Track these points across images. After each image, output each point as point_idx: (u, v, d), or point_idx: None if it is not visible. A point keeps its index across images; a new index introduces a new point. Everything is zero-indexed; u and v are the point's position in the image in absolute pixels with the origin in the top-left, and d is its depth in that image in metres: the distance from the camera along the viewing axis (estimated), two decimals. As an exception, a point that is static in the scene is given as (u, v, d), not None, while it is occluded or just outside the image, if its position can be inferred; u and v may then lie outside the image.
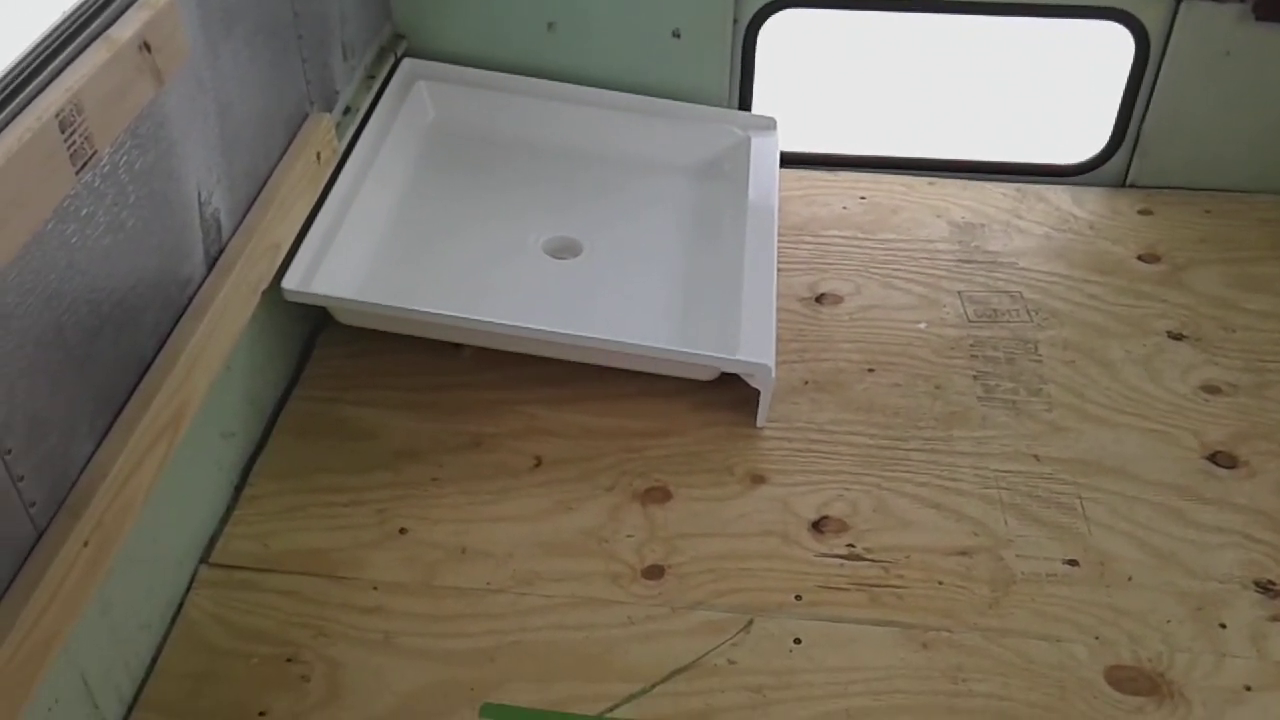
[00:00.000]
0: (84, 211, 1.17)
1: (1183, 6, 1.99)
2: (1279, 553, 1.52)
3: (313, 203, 1.72)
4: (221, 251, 1.48)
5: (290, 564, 1.49)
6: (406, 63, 2.10)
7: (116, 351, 1.25)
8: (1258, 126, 2.11)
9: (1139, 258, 2.02)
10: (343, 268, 1.71)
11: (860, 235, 2.08)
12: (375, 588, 1.46)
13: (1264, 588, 1.47)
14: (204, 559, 1.50)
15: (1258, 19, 1.98)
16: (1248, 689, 1.36)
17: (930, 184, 2.20)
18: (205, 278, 1.44)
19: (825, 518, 1.57)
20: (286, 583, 1.47)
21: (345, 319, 1.76)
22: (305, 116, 1.73)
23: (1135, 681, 1.36)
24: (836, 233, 2.09)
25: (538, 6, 2.08)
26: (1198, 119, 2.10)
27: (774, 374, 1.66)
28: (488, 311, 1.69)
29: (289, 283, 1.62)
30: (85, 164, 1.13)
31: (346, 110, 1.92)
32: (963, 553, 1.52)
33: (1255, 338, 1.85)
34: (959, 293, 1.95)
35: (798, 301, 1.94)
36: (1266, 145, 2.13)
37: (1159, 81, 2.07)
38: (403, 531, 1.53)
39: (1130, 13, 2.03)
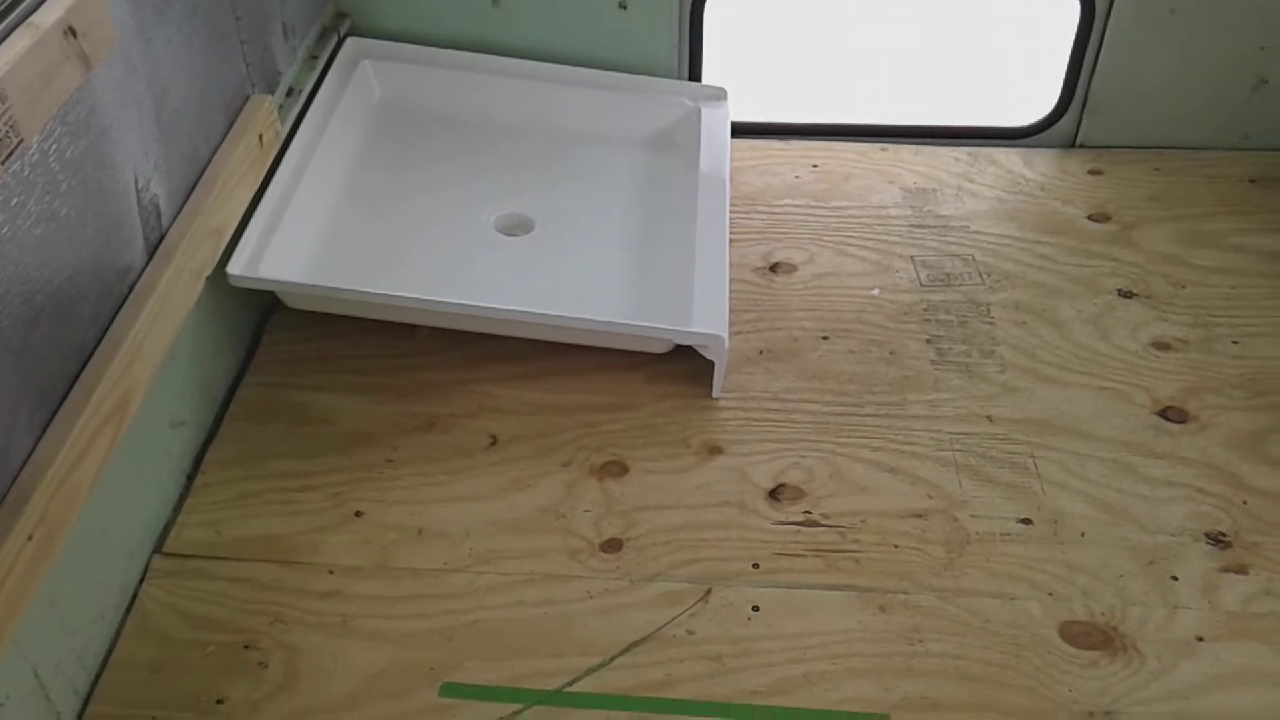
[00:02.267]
0: (13, 201, 1.15)
1: (1127, -35, 2.00)
2: (1229, 505, 1.53)
3: (256, 186, 1.69)
4: (162, 238, 1.46)
5: (244, 551, 1.48)
6: (350, 42, 2.07)
7: (54, 343, 1.22)
8: (1205, 84, 2.12)
9: (1089, 217, 2.03)
10: (290, 251, 1.69)
11: (813, 203, 2.08)
12: (331, 572, 1.45)
13: (1215, 539, 1.49)
14: (157, 549, 1.48)
15: (1201, -25, 1.99)
16: (1199, 639, 1.38)
17: (882, 150, 2.20)
18: (145, 265, 1.41)
19: (782, 485, 1.57)
20: (241, 570, 1.46)
21: (294, 303, 1.74)
22: (246, 99, 1.70)
23: (1089, 636, 1.38)
24: (789, 201, 2.08)
25: (482, -19, 2.07)
26: (1145, 78, 2.11)
27: (728, 344, 1.66)
28: (440, 291, 1.68)
29: (234, 268, 1.60)
30: (11, 153, 1.11)
31: (289, 92, 1.89)
32: (918, 515, 1.53)
33: (1204, 293, 1.86)
34: (912, 258, 1.95)
35: (752, 271, 1.93)
36: (1214, 102, 2.14)
37: (1105, 41, 2.08)
38: (358, 515, 1.52)
39: (1075, -28, 2.03)
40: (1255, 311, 1.83)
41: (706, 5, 2.10)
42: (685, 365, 1.71)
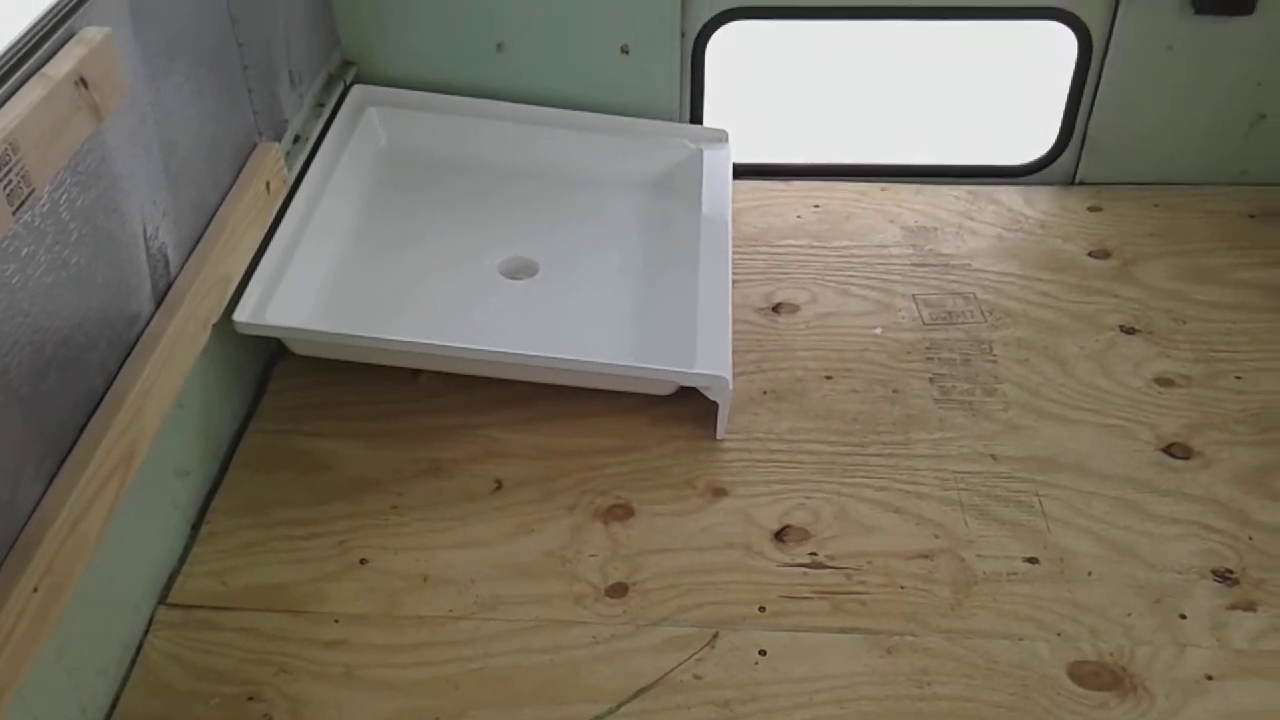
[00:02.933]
0: (24, 251, 1.16)
1: (1123, 4, 2.02)
2: (1236, 541, 1.53)
3: (263, 233, 1.71)
4: (170, 286, 1.47)
5: (250, 601, 1.48)
6: (356, 89, 2.09)
7: (63, 392, 1.23)
8: (1202, 119, 2.13)
9: (1090, 254, 2.03)
10: (296, 298, 1.70)
11: (815, 243, 2.09)
12: (337, 620, 1.45)
13: (1222, 576, 1.49)
14: (162, 599, 1.48)
15: (1196, 12, 2.00)
16: (1209, 678, 1.37)
17: (883, 190, 2.21)
18: (153, 313, 1.42)
19: (787, 527, 1.57)
20: (246, 620, 1.45)
21: (300, 349, 1.75)
22: (253, 147, 1.72)
23: (1098, 676, 1.37)
24: (791, 242, 2.10)
25: (486, 28, 2.09)
26: (1143, 114, 2.13)
27: (731, 385, 1.67)
28: (444, 335, 1.69)
29: (241, 315, 1.61)
30: (23, 203, 1.12)
31: (296, 139, 1.91)
32: (924, 555, 1.52)
33: (1206, 328, 1.87)
34: (914, 296, 1.96)
35: (754, 312, 1.94)
36: (1211, 137, 2.15)
37: (1103, 79, 2.10)
38: (363, 562, 1.52)
39: (1071, 12, 2.05)
40: (1258, 346, 1.83)
41: (707, 48, 2.12)
42: (689, 407, 1.72)
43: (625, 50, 2.09)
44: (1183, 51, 2.06)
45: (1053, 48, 2.12)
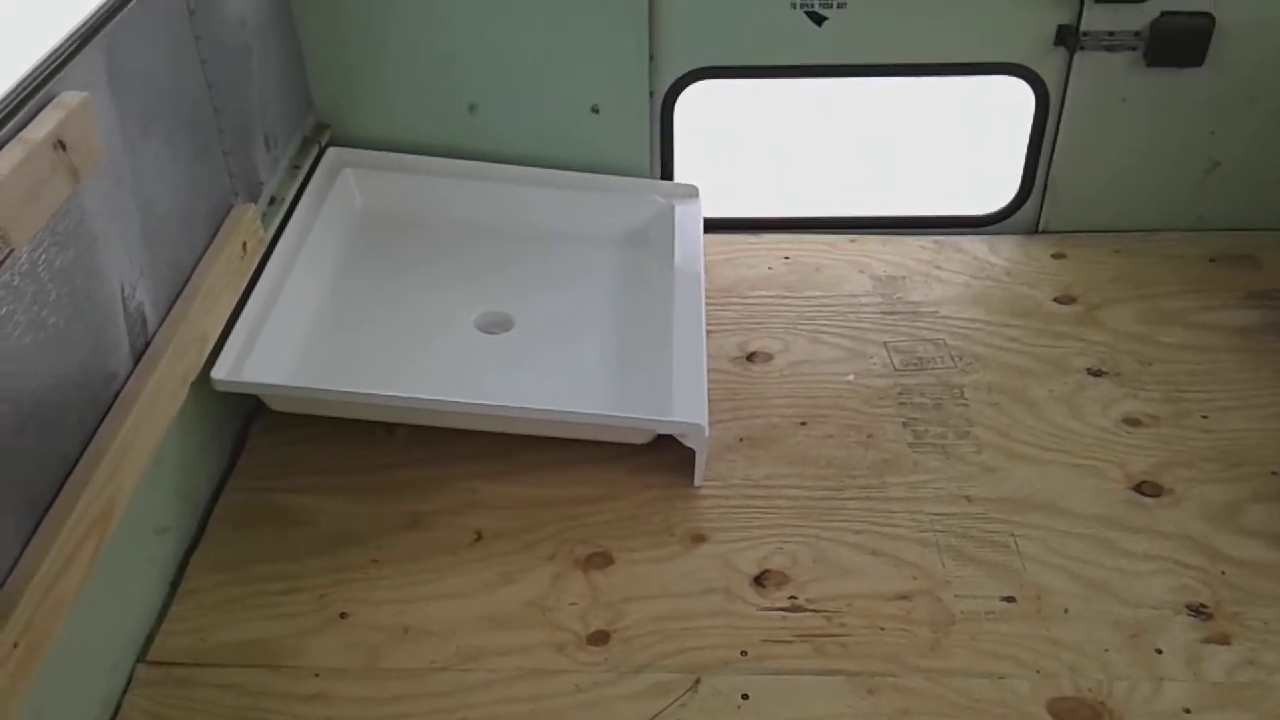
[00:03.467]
0: (2, 311, 1.17)
1: (1077, 58, 2.08)
2: (1208, 576, 1.55)
3: (240, 292, 1.72)
4: (147, 345, 1.48)
5: (229, 657, 1.47)
6: (331, 151, 2.13)
7: (41, 450, 1.24)
8: (1159, 168, 2.20)
9: (1055, 300, 2.08)
10: (273, 355, 1.72)
11: (786, 294, 2.13)
12: (317, 675, 1.44)
13: (1195, 611, 1.50)
14: (141, 658, 1.47)
15: (1149, 65, 2.07)
16: (1187, 711, 1.38)
17: (851, 241, 2.25)
18: (131, 372, 1.43)
19: (766, 571, 1.58)
20: (226, 676, 1.44)
21: (277, 406, 1.76)
22: (229, 208, 1.75)
23: (1077, 712, 1.38)
24: (763, 293, 2.13)
25: (458, 90, 2.13)
26: (1101, 164, 2.19)
27: (708, 433, 1.69)
28: (421, 389, 1.70)
29: (218, 372, 1.62)
30: (1, 263, 1.14)
31: (272, 200, 1.93)
32: (903, 597, 1.54)
33: (1171, 369, 1.91)
34: (885, 343, 1.99)
35: (729, 361, 1.97)
36: (1168, 185, 2.21)
37: (1061, 131, 2.16)
38: (343, 616, 1.52)
39: (1028, 67, 2.11)
40: (1223, 385, 1.87)
41: (676, 107, 2.17)
42: (667, 455, 1.73)
43: (596, 110, 2.14)
44: (1137, 103, 2.12)
45: (1011, 102, 2.18)
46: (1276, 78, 2.08)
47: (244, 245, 1.72)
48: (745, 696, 1.41)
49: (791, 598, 1.54)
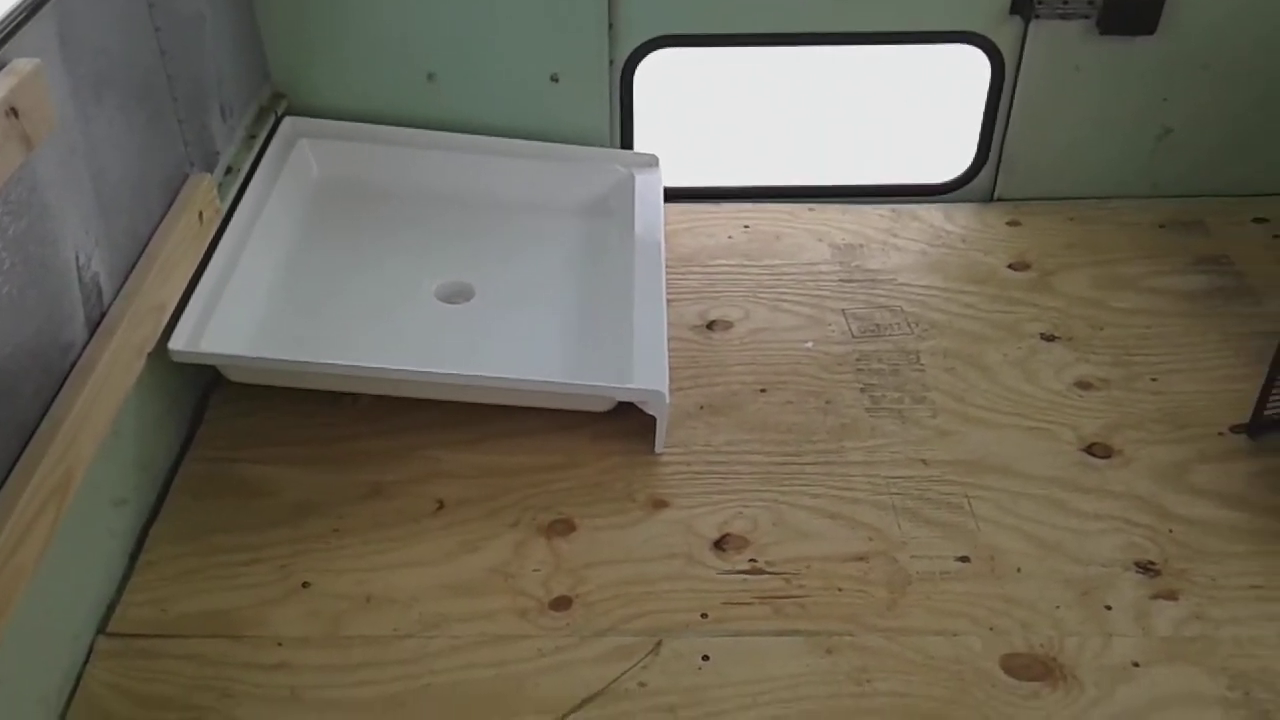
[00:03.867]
0: (-46, 281, 1.16)
1: (1032, 26, 2.10)
2: (1156, 534, 1.59)
3: (197, 263, 1.71)
4: (103, 315, 1.47)
5: (191, 628, 1.47)
6: (288, 121, 2.11)
7: (-4, 421, 1.23)
8: (1112, 135, 2.22)
9: (1010, 266, 2.11)
10: (231, 325, 1.71)
11: (746, 262, 2.14)
12: (280, 644, 1.45)
13: (1144, 568, 1.54)
14: (101, 629, 1.47)
15: (1102, 33, 2.10)
16: (1135, 665, 1.42)
17: (810, 210, 2.27)
18: (87, 342, 1.42)
19: (727, 535, 1.60)
20: (188, 647, 1.45)
21: (236, 376, 1.75)
22: (185, 177, 1.73)
23: (1029, 668, 1.42)
24: (723, 261, 2.14)
25: (416, 58, 2.12)
26: (1055, 132, 2.22)
27: (668, 400, 1.70)
28: (382, 359, 1.70)
29: (175, 343, 1.61)
30: (-48, 233, 1.13)
31: (228, 170, 1.92)
32: (860, 558, 1.56)
33: (1122, 334, 1.94)
34: (843, 311, 2.01)
35: (689, 329, 1.98)
36: (1121, 152, 2.24)
37: (1016, 99, 2.18)
38: (305, 585, 1.52)
39: (983, 35, 2.13)
40: (1171, 349, 1.91)
41: (635, 76, 2.17)
42: (628, 423, 1.75)
43: (555, 79, 2.13)
44: (1090, 71, 2.15)
45: (967, 70, 2.20)
46: (1227, 44, 2.12)
47: (200, 215, 1.71)
48: (706, 658, 1.43)
49: (751, 560, 1.56)
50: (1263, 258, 2.12)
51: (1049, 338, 1.93)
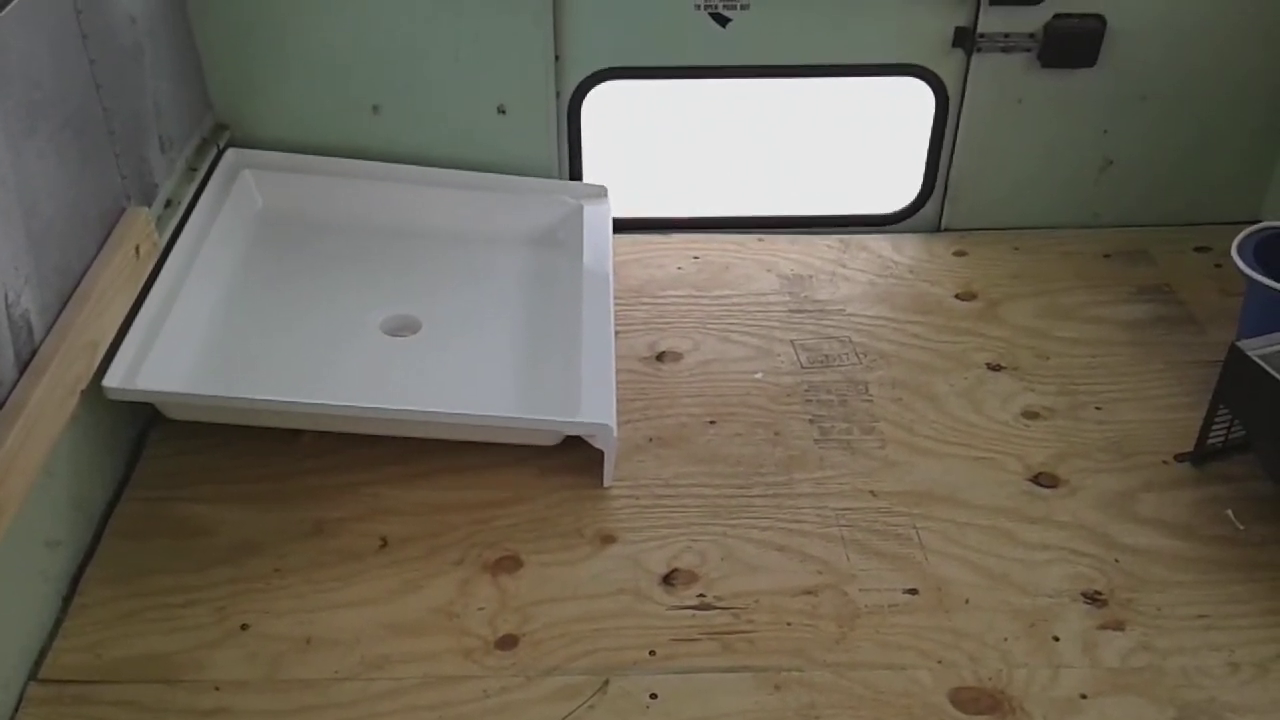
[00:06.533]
0: (-127, 320, 1.13)
1: (974, 59, 2.13)
2: (1103, 564, 1.59)
3: (133, 298, 1.68)
4: (34, 353, 1.43)
5: (126, 673, 1.43)
6: (230, 153, 2.08)
7: (-82, 464, 1.19)
8: (1055, 166, 2.25)
9: (956, 296, 2.12)
10: (169, 362, 1.67)
11: (695, 293, 2.14)
12: (217, 688, 1.41)
13: (1091, 598, 1.54)
14: (33, 675, 1.42)
15: (1043, 66, 2.13)
16: (1083, 697, 1.42)
17: (759, 240, 2.27)
18: (17, 381, 1.39)
19: (675, 570, 1.58)
20: (122, 693, 1.40)
21: (175, 414, 1.72)
22: (122, 211, 1.70)
23: (978, 701, 1.41)
24: (673, 293, 2.14)
25: (361, 90, 2.10)
26: (999, 163, 2.24)
27: (616, 433, 1.68)
28: (325, 395, 1.68)
29: (111, 380, 1.58)
30: None
31: (168, 203, 1.89)
32: (809, 592, 1.55)
33: (1068, 363, 1.96)
34: (792, 341, 2.01)
35: (639, 361, 1.97)
36: (1065, 183, 2.27)
37: (960, 130, 2.20)
38: (244, 628, 1.48)
39: (927, 68, 2.15)
40: (1115, 378, 1.92)
41: (583, 108, 2.17)
42: (576, 457, 1.73)
43: (502, 110, 2.13)
44: (1033, 103, 2.18)
45: (914, 103, 2.22)
46: (1165, 76, 2.15)
47: (137, 249, 1.68)
48: (654, 696, 1.41)
49: (700, 596, 1.55)
50: (1205, 287, 2.15)
51: (995, 367, 1.95)
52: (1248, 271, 1.78)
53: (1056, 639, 1.49)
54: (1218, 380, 1.69)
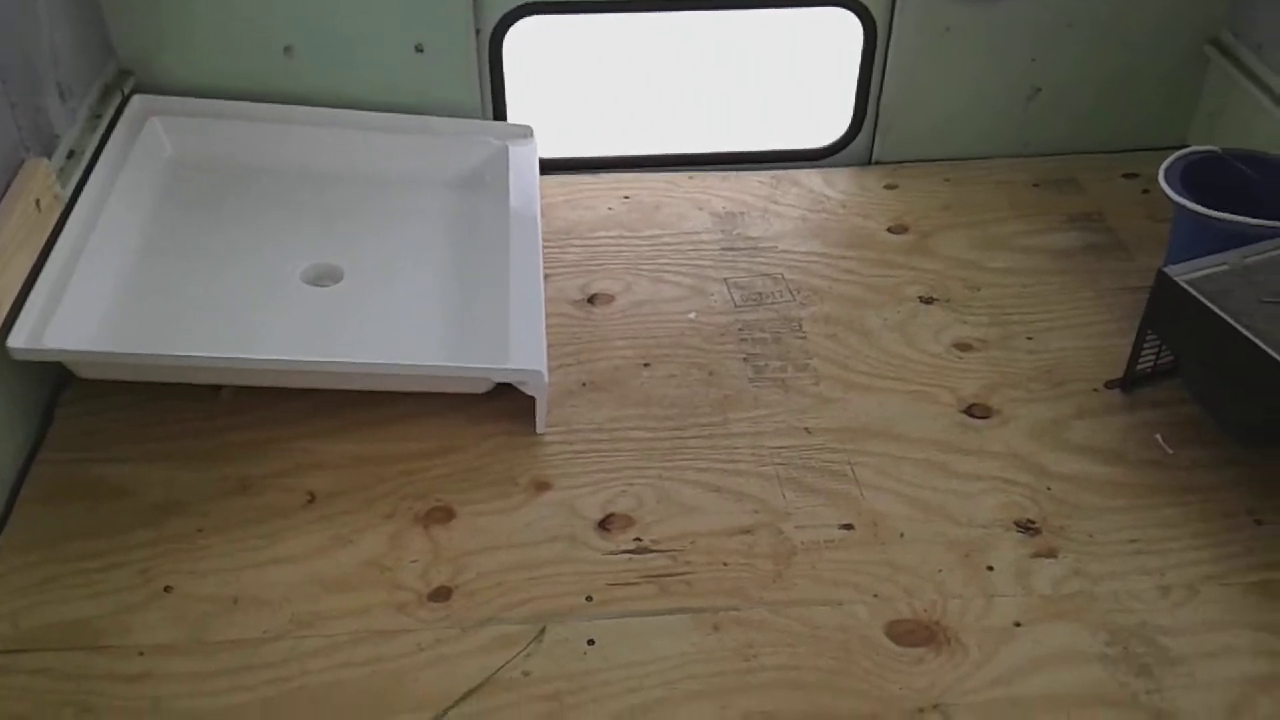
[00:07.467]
0: None
1: (902, -12, 2.10)
2: (1035, 493, 1.60)
3: (36, 253, 1.61)
4: (-71, 314, 1.37)
5: (45, 640, 1.38)
6: (136, 99, 1.99)
7: None
8: (984, 96, 2.24)
9: (888, 230, 2.11)
10: (78, 319, 1.61)
11: (627, 234, 2.10)
12: (141, 653, 1.37)
13: (1024, 527, 1.55)
14: (-55, 649, 1.38)
15: (971, -5, 2.10)
16: (1017, 625, 1.43)
17: (690, 178, 2.24)
18: (-90, 344, 1.32)
19: (611, 515, 1.57)
20: (43, 661, 1.36)
21: (86, 373, 1.65)
22: (20, 163, 1.62)
23: (914, 633, 1.41)
24: (603, 233, 2.10)
25: (271, 31, 2.02)
26: (929, 93, 2.22)
27: (547, 379, 1.65)
28: (244, 348, 1.62)
29: (15, 340, 1.51)
30: None
31: (70, 154, 1.80)
32: (745, 531, 1.54)
33: (999, 294, 1.95)
34: (725, 280, 1.99)
35: (570, 304, 1.93)
36: (994, 113, 2.26)
37: (889, 62, 2.18)
38: (168, 589, 1.44)
39: (854, -2, 2.12)
40: (1046, 307, 1.93)
41: (504, 45, 2.10)
42: (508, 403, 1.70)
43: (420, 49, 2.06)
44: (961, 32, 2.15)
45: (840, 33, 2.18)
46: (1091, 2, 2.14)
47: (37, 202, 1.60)
48: (591, 642, 1.40)
49: (636, 539, 1.53)
50: (1133, 213, 2.15)
51: (927, 300, 1.94)
52: (1175, 197, 1.78)
53: (990, 569, 1.50)
54: (1146, 307, 1.69)
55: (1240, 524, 1.56)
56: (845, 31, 2.17)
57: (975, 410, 1.73)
